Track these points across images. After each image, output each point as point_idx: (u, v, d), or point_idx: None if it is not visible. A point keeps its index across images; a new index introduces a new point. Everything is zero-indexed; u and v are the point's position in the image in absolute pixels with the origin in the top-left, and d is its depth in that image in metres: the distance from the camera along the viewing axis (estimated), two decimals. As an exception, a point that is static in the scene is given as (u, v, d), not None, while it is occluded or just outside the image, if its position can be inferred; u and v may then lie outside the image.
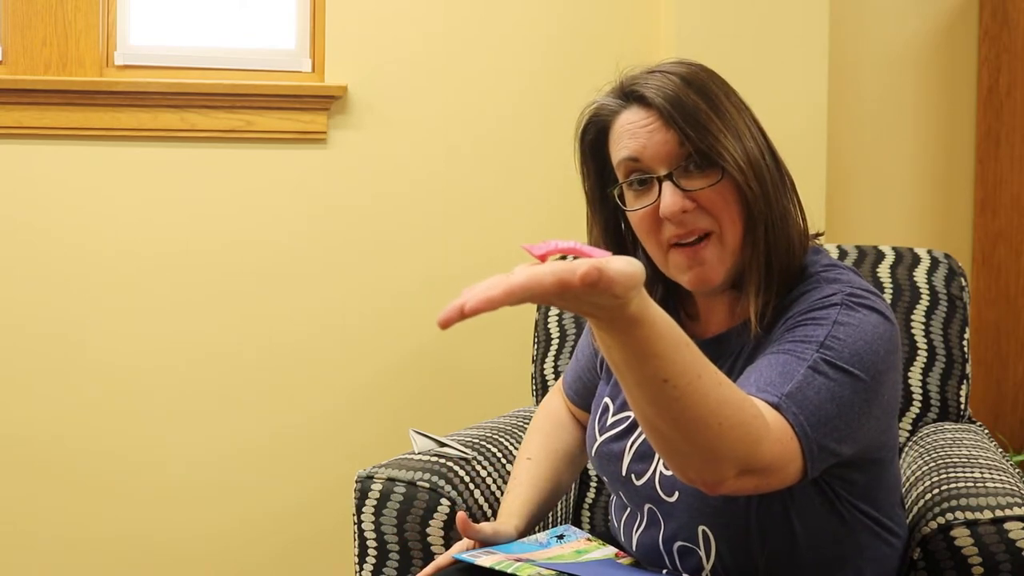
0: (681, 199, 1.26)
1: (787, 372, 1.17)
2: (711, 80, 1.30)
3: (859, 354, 1.20)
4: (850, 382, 1.19)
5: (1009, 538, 1.42)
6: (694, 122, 1.26)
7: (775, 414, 1.13)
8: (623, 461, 1.41)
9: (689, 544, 1.35)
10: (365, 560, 1.64)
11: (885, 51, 2.64)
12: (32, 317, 2.44)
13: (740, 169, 1.25)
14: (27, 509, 2.45)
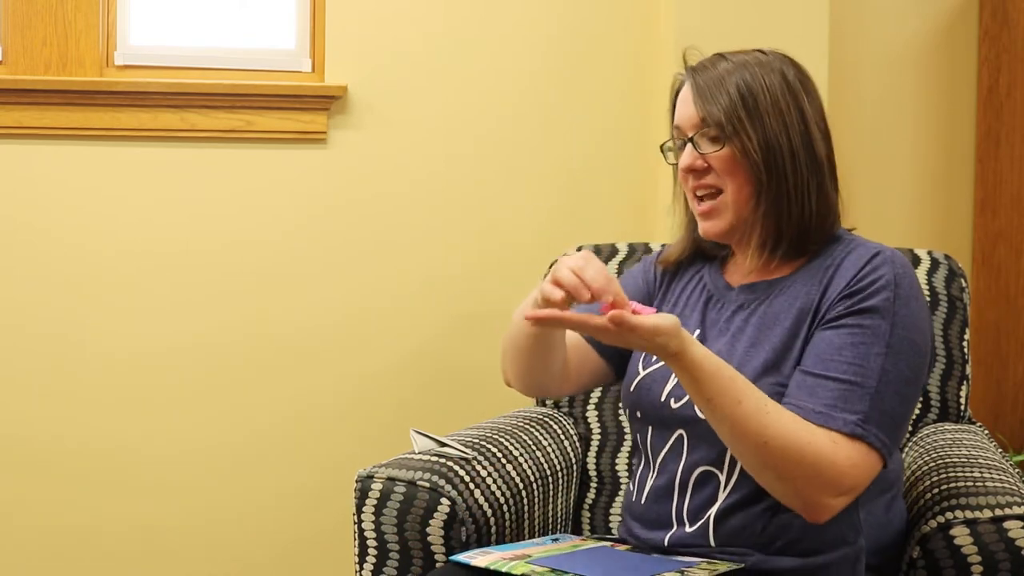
0: (694, 158, 1.51)
1: (860, 382, 1.37)
2: (766, 72, 1.50)
3: (918, 349, 1.41)
4: (914, 379, 1.40)
5: (1008, 537, 1.42)
6: (714, 103, 1.49)
7: (853, 438, 1.35)
8: (664, 388, 1.52)
9: (712, 468, 1.46)
10: (365, 560, 1.64)
11: (885, 51, 2.64)
12: (32, 317, 2.44)
13: (744, 145, 1.47)
14: (27, 507, 2.45)
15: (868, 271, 1.43)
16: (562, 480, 1.95)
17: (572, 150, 2.54)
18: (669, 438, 1.52)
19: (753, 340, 1.47)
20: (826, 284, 1.46)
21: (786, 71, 1.51)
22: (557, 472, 1.92)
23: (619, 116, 2.54)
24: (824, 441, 1.33)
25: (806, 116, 1.50)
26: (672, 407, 1.50)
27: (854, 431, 1.34)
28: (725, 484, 1.45)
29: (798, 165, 1.48)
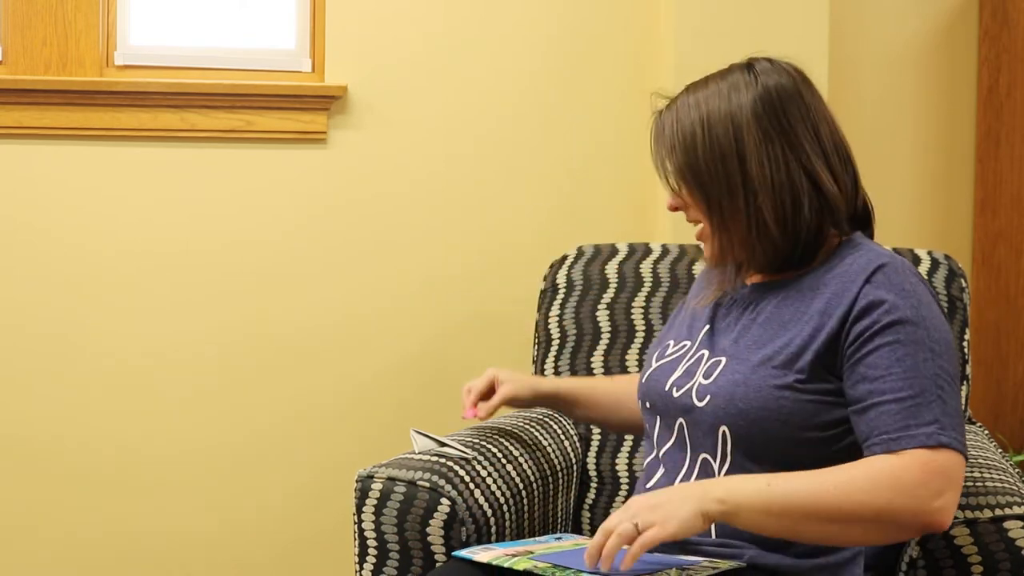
0: (675, 200, 1.56)
1: (920, 388, 1.37)
2: (722, 107, 1.50)
3: (951, 346, 1.42)
4: (957, 375, 1.42)
5: (1008, 537, 1.42)
6: (658, 152, 1.54)
7: (936, 448, 1.35)
8: (670, 377, 1.55)
9: (707, 456, 1.48)
10: (365, 560, 1.64)
11: (885, 51, 2.64)
12: (32, 317, 2.44)
13: (690, 190, 1.51)
14: (27, 507, 2.45)
15: (882, 284, 1.42)
16: (562, 480, 1.95)
17: (572, 150, 2.54)
18: (673, 427, 1.54)
19: (757, 338, 1.48)
20: (837, 289, 1.45)
21: (762, 94, 1.48)
22: (557, 472, 1.92)
23: (619, 116, 2.54)
24: (910, 464, 1.33)
25: (742, 148, 1.47)
26: (673, 396, 1.52)
27: (938, 441, 1.33)
28: (718, 472, 1.46)
29: (749, 202, 1.47)
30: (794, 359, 1.43)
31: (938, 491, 1.32)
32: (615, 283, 2.13)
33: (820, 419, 1.42)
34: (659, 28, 2.50)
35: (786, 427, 1.42)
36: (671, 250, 2.16)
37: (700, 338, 1.56)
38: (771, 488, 1.33)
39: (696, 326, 1.59)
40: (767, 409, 1.42)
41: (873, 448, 1.36)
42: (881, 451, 1.35)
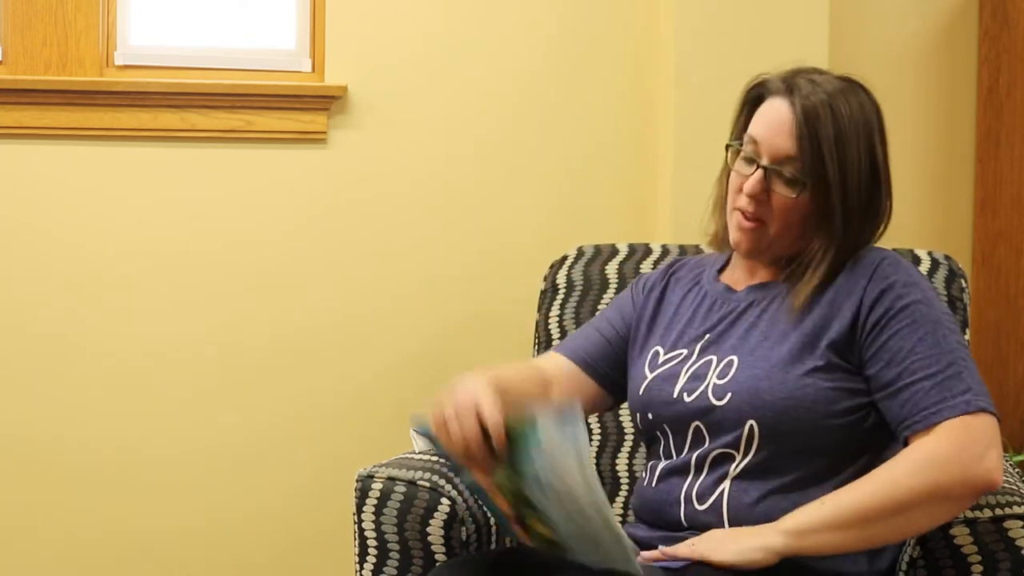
0: (760, 189, 1.49)
1: (949, 360, 1.42)
2: (851, 103, 1.52)
3: (955, 322, 1.48)
4: (968, 349, 1.48)
5: (1008, 537, 1.42)
6: (811, 144, 1.47)
7: (973, 413, 1.40)
8: (676, 384, 1.53)
9: (729, 450, 1.47)
10: (365, 560, 1.64)
11: (885, 51, 2.64)
12: (32, 317, 2.43)
13: (821, 198, 1.47)
14: (26, 507, 2.44)
15: (888, 274, 1.47)
16: (562, 480, 1.95)
17: (572, 150, 2.54)
18: (687, 433, 1.52)
19: (767, 334, 1.49)
20: (845, 281, 1.49)
21: (867, 105, 1.54)
22: (557, 472, 1.92)
23: (619, 116, 2.54)
24: (944, 438, 1.37)
25: (877, 164, 1.54)
26: (686, 401, 1.51)
27: (978, 406, 1.39)
28: (739, 463, 1.46)
29: (857, 212, 1.51)
30: (810, 348, 1.45)
31: (980, 454, 1.37)
32: (615, 283, 2.13)
33: (840, 406, 1.44)
34: (659, 28, 2.49)
35: (811, 414, 1.43)
36: (671, 250, 2.16)
37: (700, 345, 1.55)
38: (824, 506, 1.37)
39: (688, 334, 1.58)
40: (793, 398, 1.44)
41: (913, 427, 1.39)
42: (922, 428, 1.38)
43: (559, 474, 1.27)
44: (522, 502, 1.33)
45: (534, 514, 1.33)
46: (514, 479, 1.31)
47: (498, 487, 1.35)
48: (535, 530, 1.36)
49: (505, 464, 1.31)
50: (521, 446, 1.29)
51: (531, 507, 1.32)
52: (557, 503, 1.29)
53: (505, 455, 1.31)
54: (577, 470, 1.28)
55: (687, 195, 2.38)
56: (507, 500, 1.35)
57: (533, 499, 1.31)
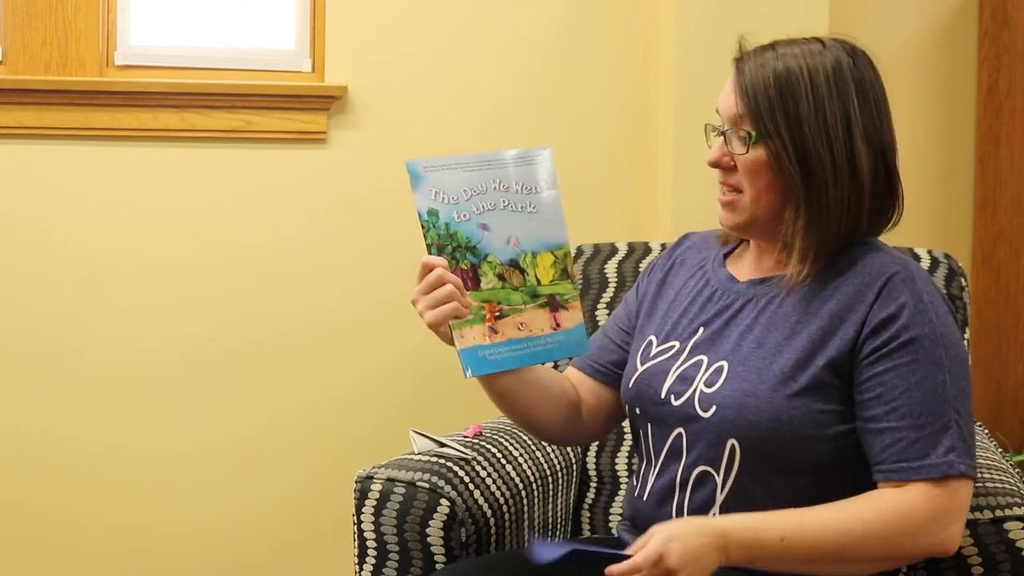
0: (720, 155, 1.47)
1: (940, 411, 1.35)
2: (815, 66, 1.45)
3: (965, 361, 1.41)
4: (970, 391, 1.40)
5: (1009, 538, 1.42)
6: (751, 99, 1.44)
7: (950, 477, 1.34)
8: (664, 383, 1.49)
9: (709, 468, 1.43)
10: (365, 560, 1.64)
11: (885, 51, 2.61)
12: (32, 317, 2.44)
13: (777, 152, 1.42)
14: (28, 504, 2.45)
15: (899, 295, 1.39)
16: (562, 480, 1.95)
17: (572, 149, 2.54)
18: (669, 436, 1.48)
19: (762, 341, 1.43)
20: (853, 294, 1.41)
21: (842, 63, 1.46)
22: (557, 472, 1.92)
23: (619, 116, 2.54)
24: (922, 500, 1.33)
25: (850, 121, 1.46)
26: (673, 404, 1.47)
27: (958, 471, 1.33)
28: (721, 487, 1.42)
29: (840, 179, 1.44)
30: (804, 366, 1.39)
31: (948, 523, 1.33)
32: (615, 282, 2.13)
33: (831, 430, 1.39)
34: (659, 29, 2.49)
35: (797, 436, 1.38)
36: (671, 250, 2.16)
37: (693, 341, 1.50)
38: (785, 544, 1.33)
39: (682, 324, 1.53)
40: (779, 420, 1.38)
41: (889, 475, 1.35)
42: (897, 479, 1.34)
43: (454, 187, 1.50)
44: (464, 254, 1.50)
45: (483, 261, 1.48)
46: (443, 234, 1.51)
47: (472, 296, 1.48)
48: (498, 286, 1.48)
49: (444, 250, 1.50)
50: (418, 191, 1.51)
51: (472, 250, 1.49)
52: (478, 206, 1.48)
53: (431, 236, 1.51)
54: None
55: (687, 194, 2.39)
56: (478, 300, 1.48)
57: (464, 232, 1.49)
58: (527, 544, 1.46)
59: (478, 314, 1.47)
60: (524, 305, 1.49)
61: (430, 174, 1.53)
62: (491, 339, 1.47)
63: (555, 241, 1.51)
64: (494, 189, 1.52)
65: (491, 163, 1.52)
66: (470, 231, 1.50)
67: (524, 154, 1.55)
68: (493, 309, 1.48)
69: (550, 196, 1.55)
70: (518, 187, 1.53)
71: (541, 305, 1.50)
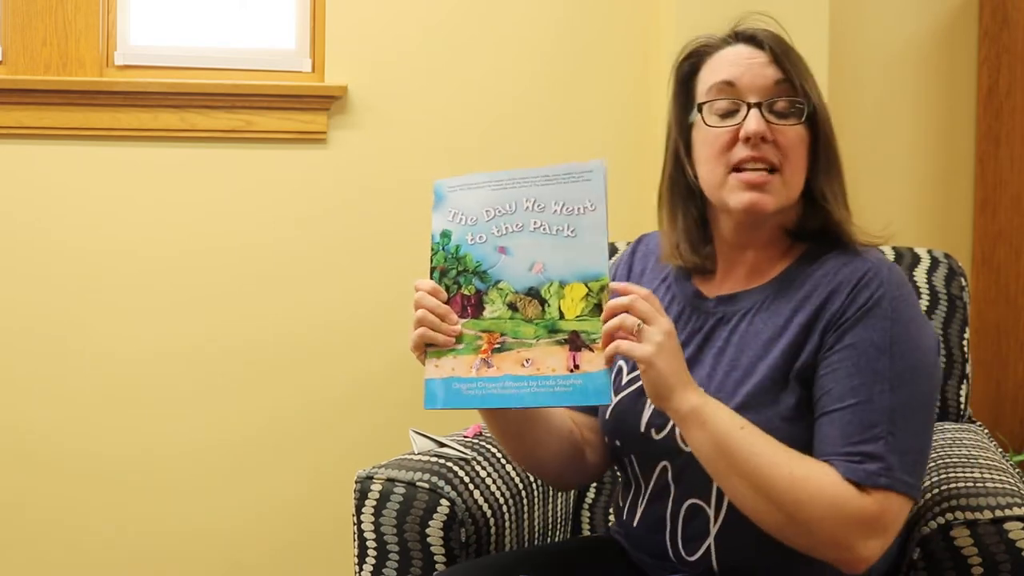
0: (763, 126, 1.37)
1: (869, 422, 1.29)
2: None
3: (922, 373, 1.32)
4: (924, 405, 1.32)
5: (1009, 538, 1.42)
6: (796, 66, 1.39)
7: (878, 489, 1.27)
8: (642, 416, 1.43)
9: (699, 501, 1.39)
10: (365, 560, 1.64)
11: (885, 51, 2.64)
12: (31, 317, 2.44)
13: (820, 121, 1.38)
14: (29, 503, 2.45)
15: (857, 298, 1.34)
16: (562, 480, 1.95)
17: (571, 149, 2.54)
18: (655, 468, 1.43)
19: (736, 363, 1.39)
20: (822, 302, 1.36)
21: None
22: (557, 472, 1.92)
23: (619, 117, 2.54)
24: (851, 489, 1.27)
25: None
26: (654, 438, 1.41)
27: (878, 482, 1.27)
28: (715, 519, 1.38)
29: (838, 159, 1.43)
30: (781, 384, 1.35)
31: (867, 534, 1.26)
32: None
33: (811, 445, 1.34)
34: (659, 28, 2.49)
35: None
36: (671, 250, 2.15)
37: None
38: (741, 433, 1.28)
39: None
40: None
41: (832, 461, 1.29)
42: (842, 471, 1.28)
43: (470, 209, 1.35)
44: (476, 290, 1.35)
45: (492, 287, 1.35)
46: (456, 260, 1.36)
47: (468, 325, 1.35)
48: (506, 312, 1.34)
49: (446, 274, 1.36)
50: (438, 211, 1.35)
51: (480, 275, 1.35)
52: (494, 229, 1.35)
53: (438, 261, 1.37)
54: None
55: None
56: (476, 329, 1.35)
57: (473, 256, 1.35)
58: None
59: (471, 344, 1.34)
60: (536, 339, 1.32)
61: (452, 194, 1.38)
62: (480, 372, 1.33)
63: (592, 271, 1.32)
64: (526, 209, 1.36)
65: (528, 179, 1.37)
66: (483, 254, 1.36)
67: (571, 169, 1.37)
68: (493, 340, 1.34)
69: (594, 219, 1.36)
70: (557, 207, 1.36)
71: (559, 342, 1.31)
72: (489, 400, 1.32)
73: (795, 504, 1.26)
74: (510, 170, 1.38)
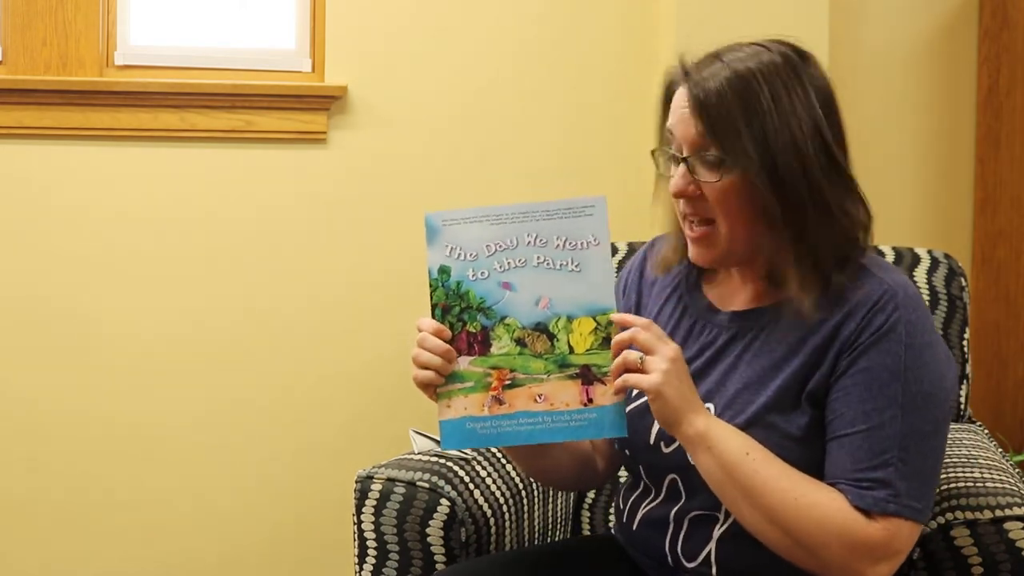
0: (686, 184, 1.35)
1: (880, 448, 1.29)
2: (766, 71, 1.33)
3: (935, 400, 1.31)
4: (935, 431, 1.32)
5: (1009, 538, 1.42)
6: (714, 120, 1.32)
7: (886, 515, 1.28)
8: (652, 428, 1.42)
9: (710, 512, 1.38)
10: (365, 560, 1.64)
11: (885, 51, 2.64)
12: (31, 317, 2.43)
13: (748, 173, 1.31)
14: (35, 501, 2.45)
15: (873, 321, 1.32)
16: (562, 480, 1.95)
17: (572, 149, 2.54)
18: (663, 480, 1.44)
19: (747, 380, 1.38)
20: (836, 325, 1.34)
21: (794, 63, 1.35)
22: (557, 472, 1.92)
23: (621, 118, 2.53)
24: (858, 516, 1.28)
25: (819, 128, 1.35)
26: (664, 452, 1.41)
27: (886, 509, 1.27)
28: (719, 528, 1.38)
29: (811, 187, 1.31)
30: (792, 404, 1.35)
31: (875, 558, 1.27)
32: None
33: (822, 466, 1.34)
34: (659, 28, 2.49)
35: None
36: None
37: None
38: (748, 459, 1.28)
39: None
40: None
41: (841, 486, 1.29)
42: (850, 498, 1.28)
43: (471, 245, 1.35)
44: (482, 328, 1.35)
45: (498, 323, 1.34)
46: (459, 301, 1.36)
47: (476, 363, 1.35)
48: (514, 348, 1.34)
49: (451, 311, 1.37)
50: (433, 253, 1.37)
51: (485, 311, 1.35)
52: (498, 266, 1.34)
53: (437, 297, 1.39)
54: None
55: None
56: (485, 366, 1.34)
57: (477, 292, 1.35)
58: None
59: (481, 382, 1.34)
60: (547, 375, 1.33)
61: (448, 228, 1.38)
62: (492, 410, 1.33)
63: (599, 305, 1.33)
64: (527, 244, 1.35)
65: (528, 215, 1.36)
66: (486, 290, 1.35)
67: (571, 204, 1.37)
68: (503, 377, 1.34)
69: (598, 253, 1.35)
70: (559, 242, 1.35)
71: (571, 376, 1.32)
72: (505, 438, 1.34)
73: (802, 531, 1.27)
74: (506, 204, 1.37)
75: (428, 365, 1.36)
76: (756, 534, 1.31)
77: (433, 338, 1.37)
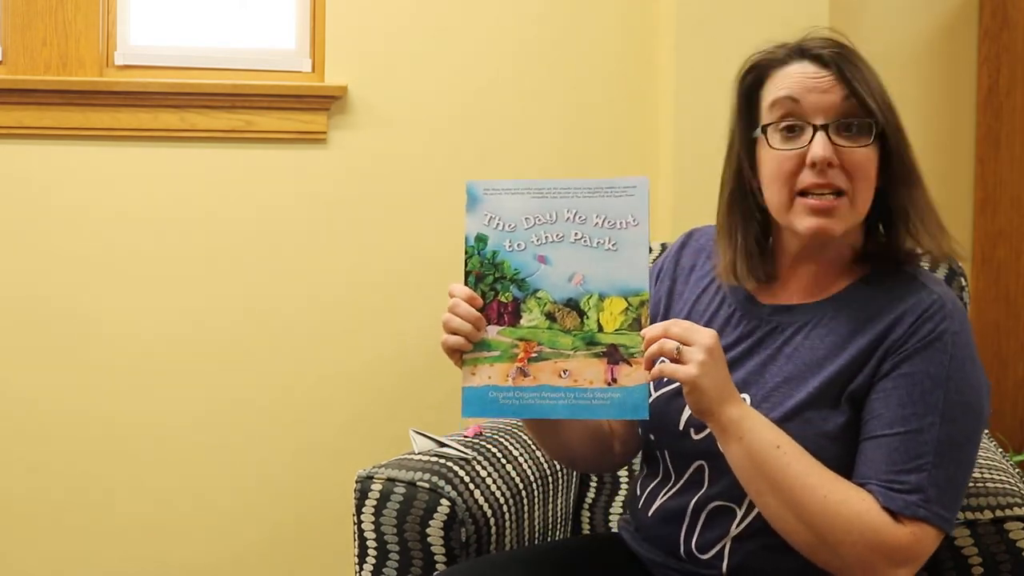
0: (832, 150, 1.34)
1: (916, 452, 1.29)
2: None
3: (972, 411, 1.32)
4: (969, 442, 1.32)
5: (1009, 538, 1.42)
6: (865, 83, 1.35)
7: (915, 519, 1.28)
8: (682, 414, 1.42)
9: (730, 504, 1.38)
10: (365, 560, 1.64)
11: (885, 51, 2.63)
12: (30, 317, 2.43)
13: (895, 141, 1.36)
14: (36, 501, 2.45)
15: (920, 329, 1.33)
16: (562, 480, 1.95)
17: (572, 149, 2.54)
18: (688, 467, 1.44)
19: (787, 375, 1.38)
20: (885, 328, 1.35)
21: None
22: (557, 472, 1.92)
23: (621, 118, 2.53)
24: (886, 518, 1.28)
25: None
26: (693, 438, 1.41)
27: (916, 513, 1.27)
28: (740, 520, 1.38)
29: (914, 156, 1.40)
30: (831, 403, 1.35)
31: (897, 561, 1.27)
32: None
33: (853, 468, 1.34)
34: (659, 28, 2.49)
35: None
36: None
37: None
38: (778, 452, 1.28)
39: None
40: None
41: (872, 485, 1.30)
42: (881, 499, 1.28)
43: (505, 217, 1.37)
44: (514, 296, 1.35)
45: (530, 296, 1.35)
46: (491, 268, 1.38)
47: (505, 333, 1.35)
48: (544, 322, 1.35)
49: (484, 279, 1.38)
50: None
51: (519, 283, 1.36)
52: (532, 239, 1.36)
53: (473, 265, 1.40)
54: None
55: (687, 194, 2.39)
56: (513, 337, 1.35)
57: (510, 262, 1.36)
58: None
59: (508, 352, 1.34)
60: (574, 351, 1.33)
61: (489, 197, 1.41)
62: (516, 381, 1.34)
63: (632, 286, 1.33)
64: (567, 220, 1.36)
65: (570, 190, 1.36)
66: (521, 262, 1.37)
67: (613, 184, 1.36)
68: (530, 349, 1.35)
69: (636, 234, 1.34)
70: (599, 220, 1.35)
71: (597, 354, 1.33)
72: (526, 410, 1.34)
73: (827, 528, 1.27)
74: (550, 179, 1.37)
75: (458, 331, 1.36)
76: (780, 528, 1.31)
77: (465, 304, 1.37)
